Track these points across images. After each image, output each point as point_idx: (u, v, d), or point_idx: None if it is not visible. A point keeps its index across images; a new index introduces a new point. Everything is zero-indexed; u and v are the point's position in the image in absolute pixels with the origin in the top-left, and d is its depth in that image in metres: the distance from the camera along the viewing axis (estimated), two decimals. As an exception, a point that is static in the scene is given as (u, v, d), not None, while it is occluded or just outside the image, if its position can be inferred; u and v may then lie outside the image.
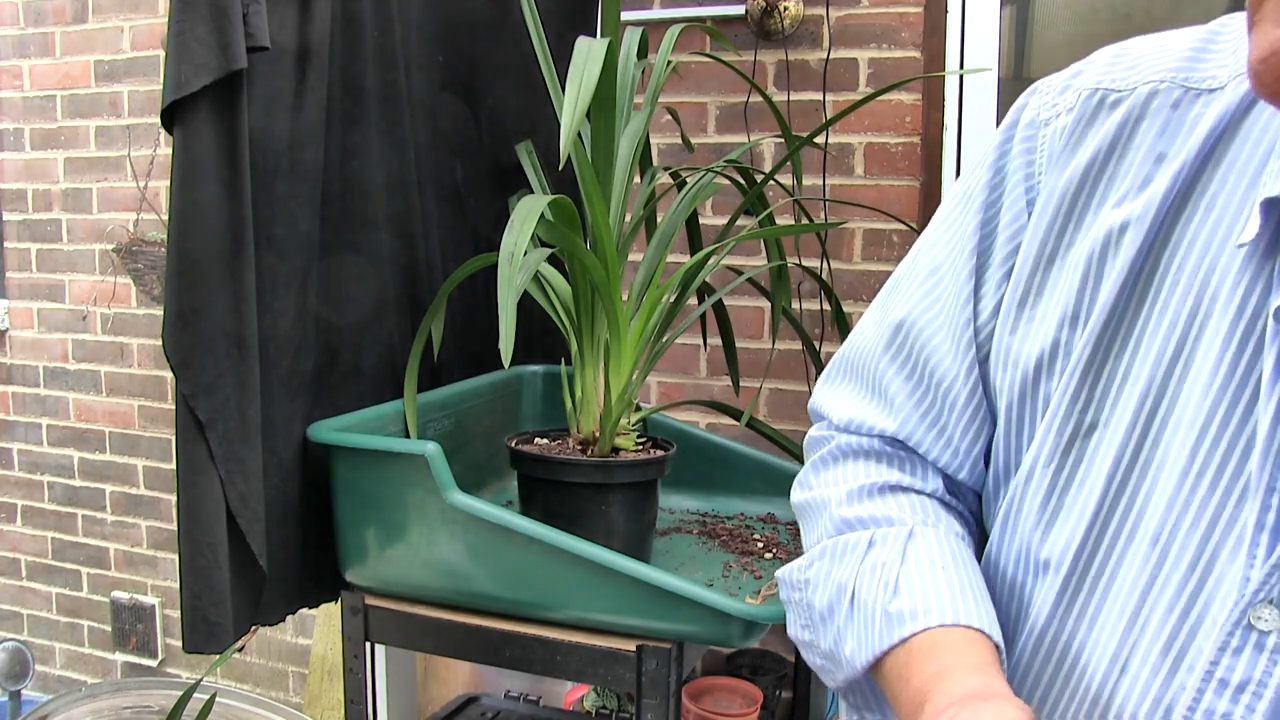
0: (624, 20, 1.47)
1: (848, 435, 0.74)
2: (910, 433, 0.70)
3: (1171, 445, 0.54)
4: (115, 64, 2.74)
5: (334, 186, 1.32)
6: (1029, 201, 0.64)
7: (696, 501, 1.58)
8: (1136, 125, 0.59)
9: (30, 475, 3.00)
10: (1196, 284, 0.55)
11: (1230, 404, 0.52)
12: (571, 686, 1.99)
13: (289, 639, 2.74)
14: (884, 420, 0.71)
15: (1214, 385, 0.53)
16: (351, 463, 1.24)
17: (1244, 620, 0.51)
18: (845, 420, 0.73)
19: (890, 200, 1.97)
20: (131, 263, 2.59)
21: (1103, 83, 0.62)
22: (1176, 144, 0.58)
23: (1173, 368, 0.55)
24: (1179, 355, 0.55)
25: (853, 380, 0.75)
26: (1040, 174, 0.63)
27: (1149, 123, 0.59)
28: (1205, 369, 0.53)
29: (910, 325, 0.69)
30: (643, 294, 1.33)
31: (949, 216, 0.69)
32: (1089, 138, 0.61)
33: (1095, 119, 0.61)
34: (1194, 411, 0.54)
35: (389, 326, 1.43)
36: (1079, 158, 0.61)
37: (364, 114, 1.36)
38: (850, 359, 0.75)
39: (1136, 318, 0.58)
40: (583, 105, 1.07)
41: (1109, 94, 0.61)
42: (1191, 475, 0.53)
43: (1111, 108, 0.61)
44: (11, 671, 2.02)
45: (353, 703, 1.31)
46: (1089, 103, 0.62)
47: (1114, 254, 0.58)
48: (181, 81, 1.05)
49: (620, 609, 1.15)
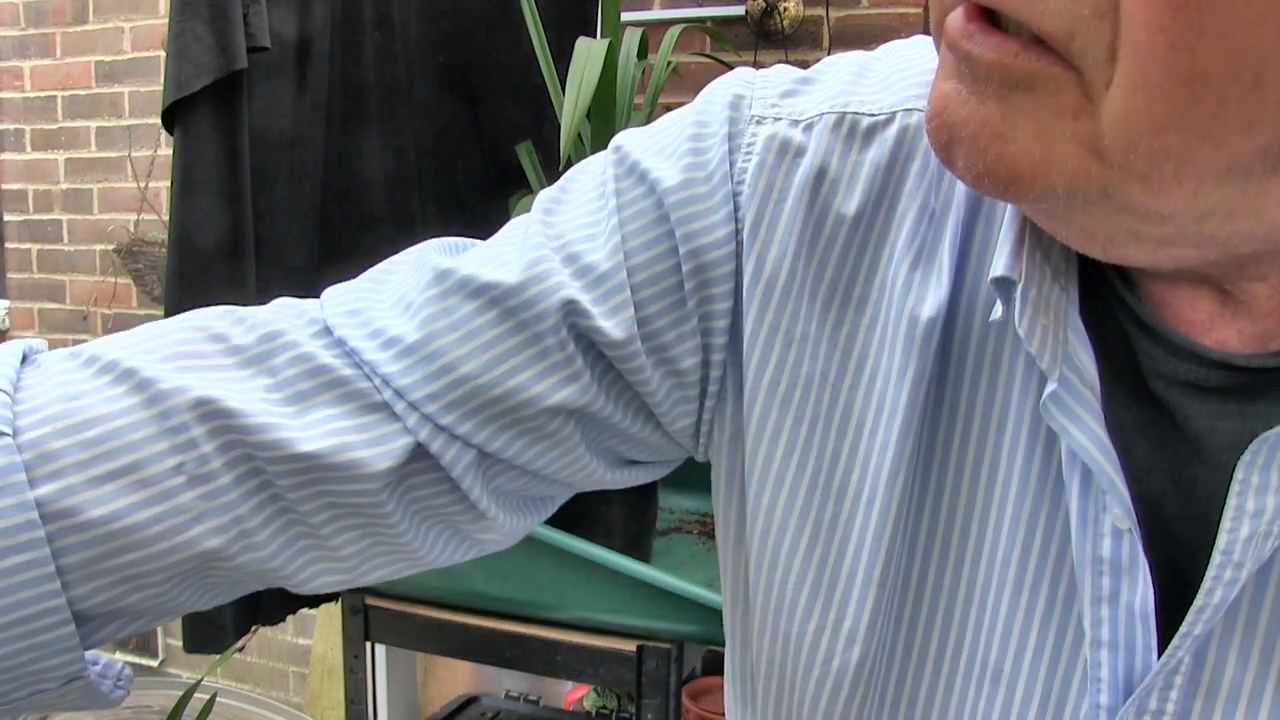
0: (624, 21, 1.47)
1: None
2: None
3: (992, 580, 0.46)
4: (115, 64, 2.75)
5: (334, 186, 1.32)
6: (733, 235, 0.48)
7: (696, 501, 1.58)
8: (904, 169, 0.47)
9: (31, 475, 3.00)
10: (985, 388, 0.46)
11: (1032, 532, 0.44)
12: (571, 686, 1.99)
13: (289, 639, 2.74)
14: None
15: (1019, 511, 0.45)
16: (351, 463, 1.24)
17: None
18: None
19: (890, 200, 1.97)
20: (132, 263, 2.59)
21: (850, 106, 0.48)
22: (954, 204, 0.46)
23: (974, 492, 0.46)
24: (979, 478, 0.46)
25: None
26: (750, 220, 0.48)
27: (913, 163, 0.47)
28: (1008, 497, 0.46)
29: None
30: (643, 294, 1.33)
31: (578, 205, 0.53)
32: (855, 188, 0.47)
33: (849, 154, 0.47)
34: (1003, 541, 0.46)
35: (389, 327, 1.43)
36: (835, 208, 0.47)
37: (364, 114, 1.36)
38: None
39: (936, 431, 0.48)
40: (583, 106, 1.07)
41: (863, 121, 0.47)
42: (1018, 607, 0.45)
43: (869, 141, 0.47)
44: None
45: (353, 703, 1.31)
46: (833, 137, 0.47)
47: (915, 359, 0.46)
48: (182, 82, 1.05)
49: (620, 609, 1.15)
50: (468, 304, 0.48)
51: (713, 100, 0.51)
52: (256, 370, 0.48)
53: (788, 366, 0.47)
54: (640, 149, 0.50)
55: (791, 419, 0.47)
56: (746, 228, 0.47)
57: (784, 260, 0.47)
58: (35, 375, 0.46)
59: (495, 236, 0.53)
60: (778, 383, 0.47)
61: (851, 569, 0.47)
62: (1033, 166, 0.34)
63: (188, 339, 0.48)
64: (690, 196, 0.47)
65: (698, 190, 0.47)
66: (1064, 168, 0.34)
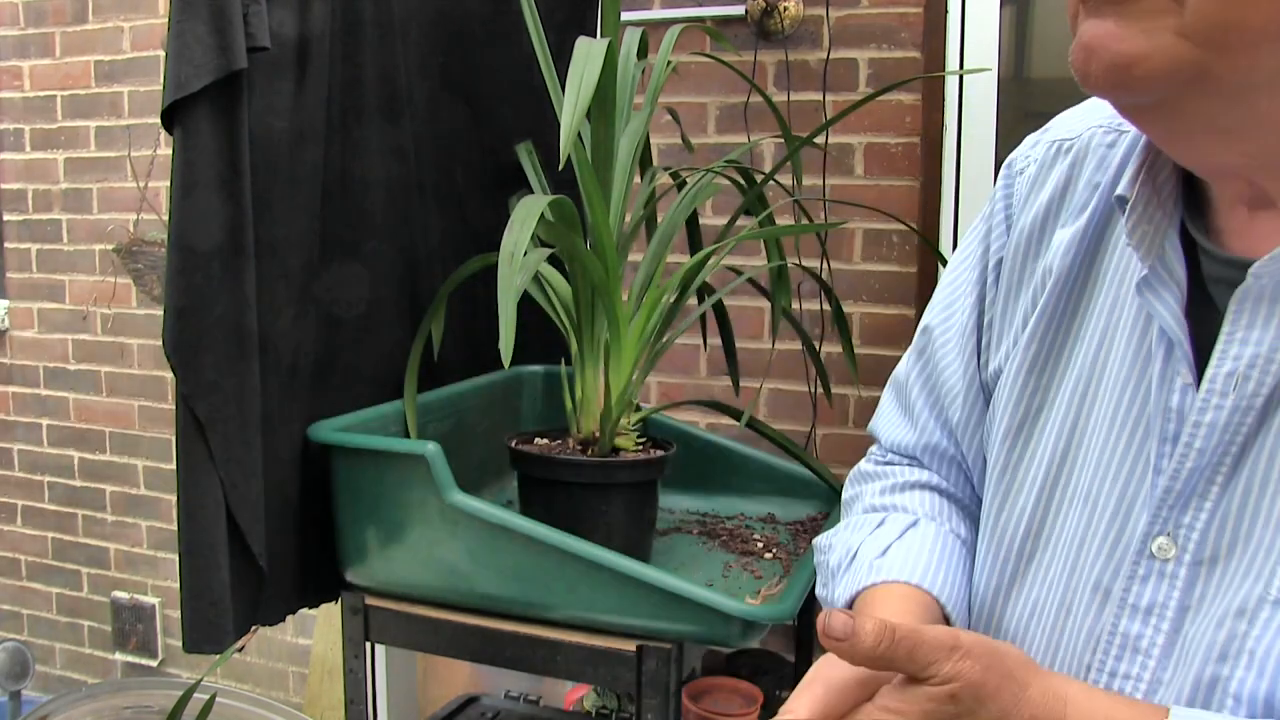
0: (624, 20, 1.47)
1: (884, 461, 0.86)
2: (931, 443, 0.81)
3: (1099, 421, 0.66)
4: (115, 64, 2.74)
5: (334, 187, 1.32)
6: (1006, 230, 0.76)
7: (696, 501, 1.58)
8: (1082, 164, 0.71)
9: (30, 475, 3.00)
10: (1115, 288, 0.67)
11: (1135, 386, 0.64)
12: (571, 686, 1.99)
13: (289, 639, 2.74)
14: (909, 437, 0.83)
15: (1123, 372, 0.65)
16: (351, 463, 1.24)
17: (1146, 550, 0.61)
18: (891, 442, 0.85)
19: (890, 200, 1.97)
20: (131, 263, 2.59)
21: (1060, 135, 0.74)
22: (1109, 174, 0.69)
23: (1099, 357, 0.67)
24: (1101, 348, 0.67)
25: (893, 399, 0.87)
26: (1015, 212, 0.75)
27: (1090, 158, 0.71)
28: (1119, 363, 0.65)
29: (932, 331, 0.82)
30: (643, 294, 1.33)
31: (962, 244, 0.81)
32: (1049, 180, 0.73)
33: (1054, 164, 0.73)
34: (1112, 393, 0.65)
35: (389, 326, 1.43)
36: (1040, 197, 0.73)
37: (364, 114, 1.36)
38: (895, 379, 0.87)
39: (1074, 318, 0.70)
40: (583, 105, 1.07)
41: (1064, 143, 0.73)
42: (1110, 441, 0.64)
43: (1065, 154, 0.72)
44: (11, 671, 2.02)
45: (353, 703, 1.31)
46: (1049, 152, 0.74)
47: (1057, 265, 0.70)
48: (181, 81, 1.05)
49: (620, 609, 1.15)
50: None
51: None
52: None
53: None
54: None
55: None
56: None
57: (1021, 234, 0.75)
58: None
59: None
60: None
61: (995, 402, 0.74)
62: (1143, 54, 0.52)
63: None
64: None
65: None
66: (1164, 52, 0.52)
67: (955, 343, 0.78)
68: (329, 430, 1.25)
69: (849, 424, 2.06)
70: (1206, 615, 0.58)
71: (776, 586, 1.23)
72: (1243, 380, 0.57)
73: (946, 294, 0.80)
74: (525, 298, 1.29)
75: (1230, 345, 0.58)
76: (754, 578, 1.29)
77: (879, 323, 2.02)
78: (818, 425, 2.07)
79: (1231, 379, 0.58)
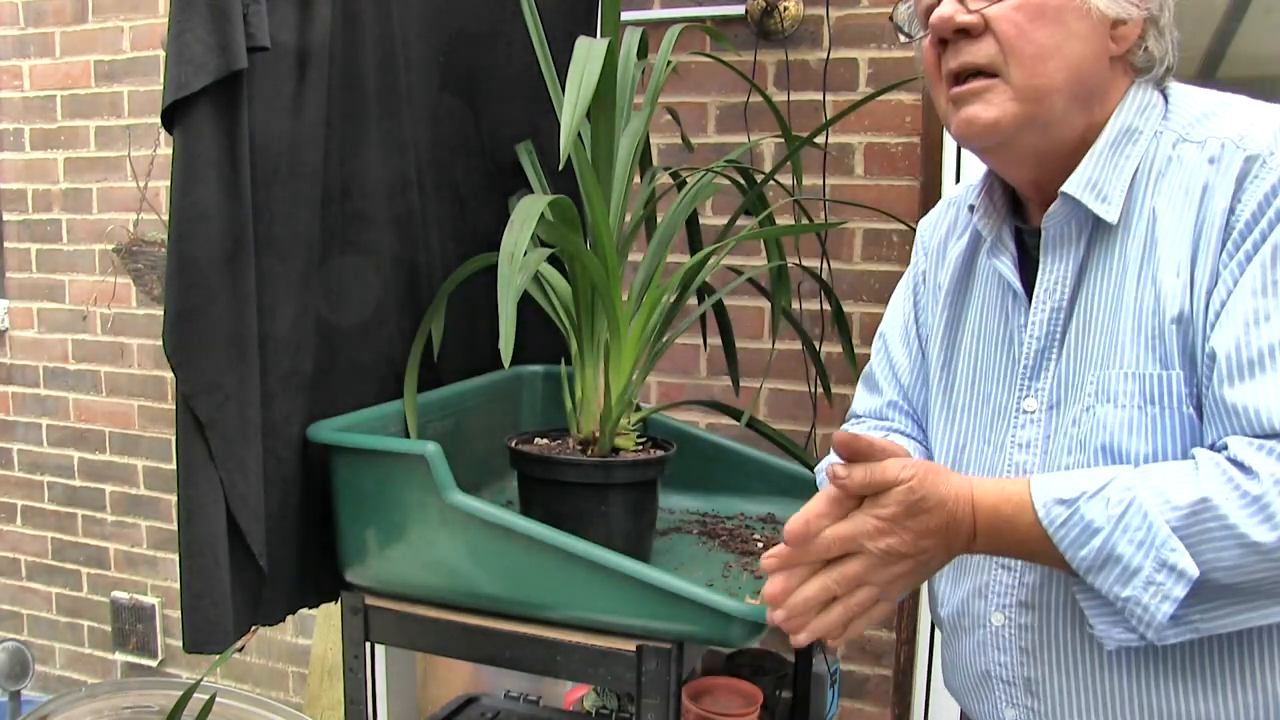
0: (624, 20, 1.47)
1: (860, 422, 1.21)
2: (893, 399, 1.18)
3: (982, 346, 1.06)
4: (115, 64, 2.74)
5: (334, 186, 1.32)
6: (925, 256, 1.18)
7: (696, 501, 1.58)
8: (960, 208, 1.13)
9: (30, 475, 3.00)
10: (985, 274, 1.07)
11: (998, 319, 1.04)
12: (571, 686, 1.99)
13: (289, 639, 2.74)
14: (877, 402, 1.20)
15: (991, 316, 1.05)
16: (351, 463, 1.24)
17: (1019, 408, 0.99)
18: (863, 412, 1.21)
19: (890, 200, 1.97)
20: (131, 263, 2.59)
21: (950, 197, 1.19)
22: (962, 234, 1.11)
23: (979, 314, 1.07)
24: (982, 308, 1.07)
25: (863, 386, 1.23)
26: (926, 244, 1.18)
27: (964, 203, 1.11)
28: (989, 312, 1.06)
29: (885, 334, 1.21)
30: (643, 294, 1.33)
31: (901, 282, 1.23)
32: (944, 221, 1.16)
33: (945, 212, 1.16)
34: (986, 328, 1.06)
35: (389, 326, 1.43)
36: (940, 232, 1.16)
37: (364, 114, 1.36)
38: (864, 374, 1.23)
39: (965, 294, 1.09)
40: (583, 105, 1.07)
41: (951, 199, 1.17)
42: (986, 354, 1.05)
43: (951, 205, 1.16)
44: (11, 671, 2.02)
45: (353, 703, 1.31)
46: (942, 206, 1.18)
47: (953, 267, 1.11)
48: (182, 81, 1.05)
49: (620, 609, 1.15)
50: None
51: None
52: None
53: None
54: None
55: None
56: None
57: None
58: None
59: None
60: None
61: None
62: (997, 118, 0.93)
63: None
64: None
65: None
66: (1009, 113, 0.92)
67: (900, 334, 1.18)
68: (329, 430, 1.25)
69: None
70: (1059, 434, 0.96)
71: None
72: (1050, 293, 0.97)
73: (891, 311, 1.22)
74: (525, 298, 1.29)
75: (1043, 273, 0.98)
76: (754, 578, 1.29)
77: (879, 322, 2.02)
78: (818, 425, 2.07)
79: (1046, 294, 0.98)
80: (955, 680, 1.10)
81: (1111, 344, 0.92)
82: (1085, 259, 0.96)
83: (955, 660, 1.09)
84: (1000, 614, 1.00)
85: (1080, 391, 0.94)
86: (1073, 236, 0.96)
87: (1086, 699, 0.94)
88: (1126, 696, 0.92)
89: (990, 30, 0.92)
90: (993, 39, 0.92)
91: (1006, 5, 0.91)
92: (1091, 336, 0.94)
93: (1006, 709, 1.01)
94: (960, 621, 1.05)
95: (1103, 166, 0.94)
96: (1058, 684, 0.96)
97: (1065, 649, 0.95)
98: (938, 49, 0.96)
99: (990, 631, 1.01)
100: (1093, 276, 0.95)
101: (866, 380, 1.22)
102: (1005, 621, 0.99)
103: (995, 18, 0.91)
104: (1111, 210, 0.93)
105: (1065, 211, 0.95)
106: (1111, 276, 0.94)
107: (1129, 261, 0.92)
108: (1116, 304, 0.92)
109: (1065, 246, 0.96)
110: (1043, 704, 0.98)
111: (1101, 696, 0.93)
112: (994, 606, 1.00)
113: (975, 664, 1.04)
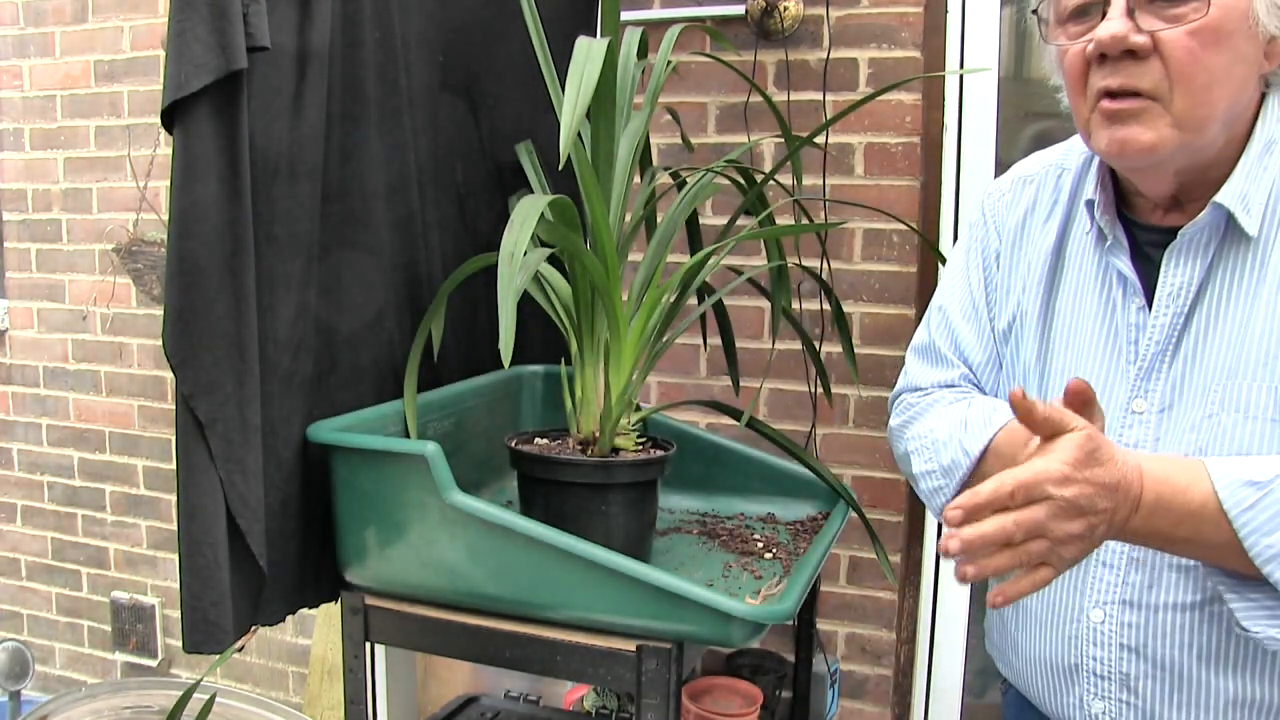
0: (624, 20, 1.47)
1: (927, 394, 1.21)
2: (963, 374, 1.18)
3: (1082, 339, 1.06)
4: (115, 64, 2.74)
5: (334, 187, 1.32)
6: (997, 235, 1.17)
7: (696, 501, 1.58)
8: (1041, 189, 1.14)
9: (30, 475, 3.00)
10: (1079, 260, 1.08)
11: (1102, 314, 1.05)
12: (571, 686, 1.99)
13: (289, 639, 2.74)
14: (946, 374, 1.20)
15: (1094, 307, 1.06)
16: (351, 463, 1.24)
17: (1129, 408, 1.00)
18: (929, 384, 1.21)
19: (890, 200, 1.97)
20: (131, 263, 2.59)
21: (1022, 173, 1.18)
22: (1064, 194, 1.12)
23: (1074, 304, 1.08)
24: (1076, 297, 1.07)
25: (919, 359, 1.24)
26: (999, 221, 1.17)
27: (1046, 186, 1.13)
28: (1090, 303, 1.06)
29: (947, 309, 1.20)
30: (643, 294, 1.33)
31: (955, 252, 1.23)
32: (1020, 200, 1.15)
33: (1021, 190, 1.15)
34: (1087, 320, 1.06)
35: (389, 326, 1.43)
36: (1016, 211, 1.15)
37: (364, 114, 1.36)
38: (917, 346, 1.24)
39: (1056, 282, 1.09)
40: (583, 105, 1.07)
41: (1026, 178, 1.16)
42: (1091, 348, 1.05)
43: (1029, 183, 1.15)
44: (11, 671, 2.02)
45: (353, 703, 1.31)
46: (1015, 184, 1.17)
47: (1042, 254, 1.11)
48: (181, 81, 1.05)
49: (620, 609, 1.15)
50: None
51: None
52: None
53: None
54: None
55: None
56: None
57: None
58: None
59: None
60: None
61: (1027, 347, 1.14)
62: (1155, 142, 0.92)
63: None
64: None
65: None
66: (1166, 138, 0.92)
67: (966, 311, 1.18)
68: (329, 430, 1.25)
69: (849, 424, 2.06)
70: (1170, 438, 0.97)
71: (776, 586, 1.23)
72: (1174, 298, 0.98)
73: (951, 284, 1.21)
74: (525, 298, 1.29)
75: (1167, 277, 0.99)
76: (754, 578, 1.29)
77: (879, 322, 2.02)
78: (818, 425, 2.07)
79: (1170, 298, 0.98)
80: (1025, 670, 1.12)
81: (1240, 354, 0.93)
82: (1211, 266, 0.96)
83: (1031, 651, 1.10)
84: (1100, 610, 1.01)
85: (1200, 399, 0.94)
86: (1204, 244, 0.96)
87: (1184, 694, 0.97)
88: (1223, 691, 0.95)
89: (1159, 53, 0.89)
90: (1159, 63, 0.89)
91: (1180, 30, 0.88)
92: (1214, 344, 0.95)
93: (1094, 701, 1.03)
94: (1045, 615, 1.07)
95: (1252, 178, 0.94)
96: (1157, 680, 0.98)
97: (1170, 647, 0.97)
98: (1089, 60, 0.93)
99: (1087, 626, 1.02)
100: (1219, 285, 0.96)
101: (924, 353, 1.21)
102: (1105, 618, 1.01)
103: (1168, 42, 0.88)
104: (1253, 222, 0.94)
105: (1210, 220, 0.95)
106: (1243, 287, 0.94)
107: (1268, 273, 0.93)
108: (1248, 315, 0.93)
109: (1195, 253, 0.97)
110: (1139, 699, 1.00)
111: (1199, 692, 0.96)
112: (1093, 603, 1.02)
113: (1064, 656, 1.05)
